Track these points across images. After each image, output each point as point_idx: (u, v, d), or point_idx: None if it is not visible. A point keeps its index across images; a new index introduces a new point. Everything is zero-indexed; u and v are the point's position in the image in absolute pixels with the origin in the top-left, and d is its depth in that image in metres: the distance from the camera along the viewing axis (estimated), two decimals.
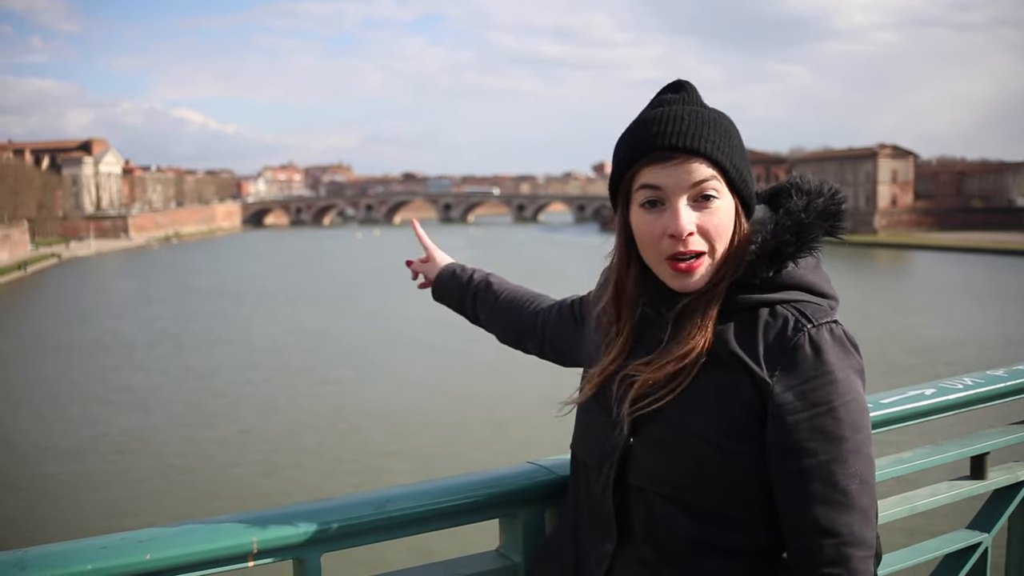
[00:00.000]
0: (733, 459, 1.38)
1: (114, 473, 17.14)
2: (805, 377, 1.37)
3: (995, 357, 25.79)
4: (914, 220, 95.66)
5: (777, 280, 1.44)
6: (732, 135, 1.45)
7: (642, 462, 1.44)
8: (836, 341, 1.39)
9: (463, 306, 2.09)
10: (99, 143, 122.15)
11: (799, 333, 1.38)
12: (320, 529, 1.51)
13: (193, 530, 1.42)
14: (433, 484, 1.67)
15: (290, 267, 67.41)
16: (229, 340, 33.76)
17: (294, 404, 22.66)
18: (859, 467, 1.37)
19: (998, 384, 2.32)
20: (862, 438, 1.38)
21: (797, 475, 1.36)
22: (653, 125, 1.43)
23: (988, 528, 2.29)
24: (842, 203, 1.48)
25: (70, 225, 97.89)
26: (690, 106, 1.46)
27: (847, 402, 1.37)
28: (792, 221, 1.45)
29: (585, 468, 1.55)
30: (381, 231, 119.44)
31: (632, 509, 1.46)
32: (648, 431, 1.44)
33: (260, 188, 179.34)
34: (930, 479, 2.33)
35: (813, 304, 1.43)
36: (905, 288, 52.13)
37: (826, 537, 1.35)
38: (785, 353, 1.38)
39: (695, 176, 1.41)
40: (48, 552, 1.31)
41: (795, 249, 1.44)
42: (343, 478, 15.93)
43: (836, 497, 1.35)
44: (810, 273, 1.46)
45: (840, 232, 1.48)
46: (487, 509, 1.69)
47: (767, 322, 1.41)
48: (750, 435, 1.39)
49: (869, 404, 2.08)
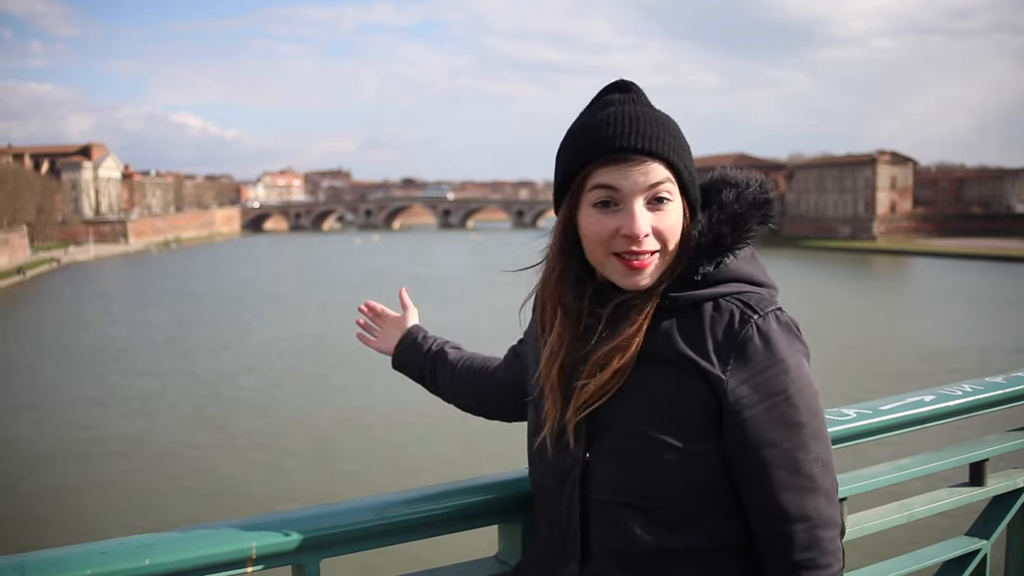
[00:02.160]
0: (694, 459, 1.38)
1: (113, 478, 17.12)
2: (758, 368, 1.38)
3: (995, 364, 25.80)
4: (913, 226, 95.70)
5: (716, 274, 1.44)
6: (681, 137, 1.46)
7: (602, 475, 1.43)
8: (783, 328, 1.41)
9: (422, 376, 2.00)
10: (98, 148, 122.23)
11: (746, 325, 1.39)
12: (319, 535, 1.51)
13: (192, 535, 1.42)
14: (432, 490, 1.66)
15: (290, 272, 67.40)
16: (229, 345, 33.74)
17: (293, 409, 22.64)
18: (819, 450, 1.39)
19: (997, 391, 2.32)
20: (818, 421, 1.41)
21: (761, 466, 1.38)
22: (608, 126, 1.42)
23: (987, 535, 2.29)
24: (770, 191, 1.51)
25: (69, 230, 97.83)
26: (641, 107, 1.45)
27: (801, 388, 1.39)
28: (726, 214, 1.46)
29: (544, 489, 1.53)
30: (380, 237, 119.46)
31: (595, 524, 1.45)
32: (603, 443, 1.43)
33: (259, 193, 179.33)
34: (929, 486, 2.33)
35: (755, 294, 1.44)
36: (905, 295, 52.13)
37: (797, 522, 1.37)
38: (735, 347, 1.38)
39: (652, 178, 1.40)
40: (47, 557, 1.31)
41: (732, 241, 1.45)
42: (342, 484, 15.90)
43: (802, 482, 1.38)
44: (747, 264, 1.47)
45: (771, 220, 1.50)
46: (486, 515, 1.69)
47: (712, 317, 1.41)
48: (707, 433, 1.39)
49: (868, 411, 2.10)
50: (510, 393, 1.81)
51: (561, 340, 1.50)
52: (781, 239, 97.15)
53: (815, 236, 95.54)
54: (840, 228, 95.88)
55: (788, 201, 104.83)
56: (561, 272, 1.51)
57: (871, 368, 26.39)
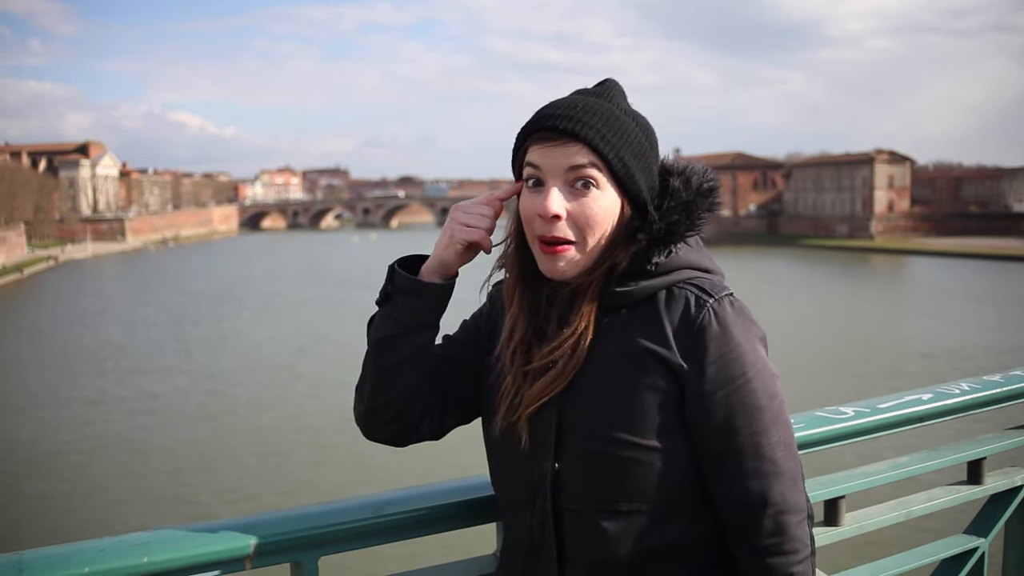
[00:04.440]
0: (663, 456, 1.38)
1: (111, 475, 17.10)
2: (716, 355, 1.37)
3: (996, 360, 25.83)
4: (911, 225, 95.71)
5: (667, 263, 1.43)
6: (631, 134, 1.43)
7: (574, 484, 1.41)
8: (737, 313, 1.40)
9: (429, 319, 1.53)
10: (96, 146, 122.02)
11: (702, 310, 1.39)
12: (318, 532, 1.51)
13: (190, 533, 1.42)
14: (431, 488, 1.66)
15: (287, 270, 67.36)
16: (227, 343, 33.70)
17: (292, 406, 22.61)
18: (780, 434, 1.39)
19: (995, 389, 2.32)
20: (778, 404, 1.40)
21: (724, 453, 1.37)
22: (547, 108, 1.43)
23: (985, 533, 2.29)
24: (714, 179, 1.49)
25: (67, 228, 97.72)
26: (595, 99, 1.44)
27: (759, 371, 1.38)
28: (676, 201, 1.45)
29: (514, 504, 1.50)
30: (378, 235, 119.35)
31: (570, 534, 1.42)
32: (571, 450, 1.41)
33: (257, 191, 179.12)
34: (927, 484, 2.33)
35: (707, 279, 1.43)
36: (902, 293, 52.15)
37: (762, 509, 1.36)
38: (693, 334, 1.38)
39: (572, 160, 1.40)
40: (46, 554, 1.31)
41: (685, 228, 1.45)
42: (341, 481, 15.90)
43: (765, 468, 1.37)
44: (695, 252, 1.47)
45: (717, 208, 1.50)
46: (485, 513, 1.68)
47: (668, 304, 1.41)
48: (674, 428, 1.38)
49: (866, 409, 2.10)
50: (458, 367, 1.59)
51: (516, 329, 1.49)
52: (779, 238, 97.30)
53: (813, 235, 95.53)
54: (838, 227, 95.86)
55: (786, 200, 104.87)
56: (515, 248, 1.52)
57: (868, 366, 26.40)
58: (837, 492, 2.06)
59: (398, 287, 1.51)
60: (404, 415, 1.55)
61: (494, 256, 1.56)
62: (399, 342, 1.51)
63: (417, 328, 1.51)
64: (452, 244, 1.50)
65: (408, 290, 1.50)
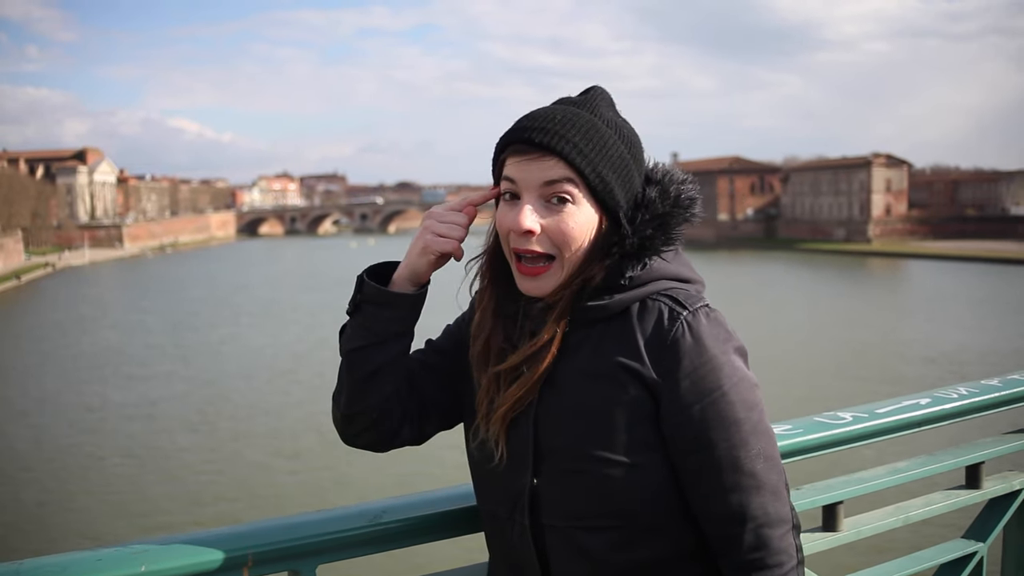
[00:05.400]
0: (641, 473, 1.36)
1: (109, 483, 17.07)
2: (690, 368, 1.34)
3: (994, 364, 25.84)
4: (908, 229, 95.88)
5: (642, 276, 1.39)
6: (610, 147, 1.39)
7: (552, 499, 1.40)
8: (712, 324, 1.37)
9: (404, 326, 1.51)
10: (93, 152, 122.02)
11: (675, 322, 1.36)
12: (315, 541, 1.51)
13: (188, 542, 1.42)
14: (428, 496, 1.66)
15: (285, 276, 67.33)
16: (225, 349, 33.69)
17: (290, 413, 22.59)
18: (760, 445, 1.35)
19: (993, 394, 2.33)
20: (757, 416, 1.36)
21: (702, 468, 1.35)
22: (526, 120, 1.41)
23: (983, 537, 2.29)
24: (693, 189, 1.45)
25: (64, 234, 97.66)
26: (578, 109, 1.41)
27: (736, 383, 1.35)
28: (651, 214, 1.41)
29: (494, 519, 1.49)
30: (376, 240, 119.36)
31: (553, 551, 1.41)
32: (550, 467, 1.39)
33: (255, 197, 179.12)
34: (925, 489, 2.33)
35: (682, 290, 1.40)
36: (900, 297, 52.18)
37: (743, 523, 1.34)
38: (666, 348, 1.35)
39: (547, 175, 1.37)
40: (43, 564, 1.31)
41: (660, 243, 1.41)
42: (338, 489, 15.88)
43: (745, 481, 1.34)
44: (672, 262, 1.43)
45: (696, 219, 1.46)
46: (481, 521, 1.68)
47: (641, 317, 1.38)
48: (651, 444, 1.36)
49: (864, 414, 2.10)
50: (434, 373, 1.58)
51: (491, 338, 1.48)
52: (776, 242, 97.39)
53: (810, 239, 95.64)
54: (835, 231, 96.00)
55: (783, 204, 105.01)
56: (492, 260, 1.50)
57: (866, 371, 26.41)
58: (836, 497, 2.06)
59: (367, 297, 1.48)
60: (381, 422, 1.52)
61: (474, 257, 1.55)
62: (372, 352, 1.48)
63: (390, 338, 1.48)
64: (424, 255, 1.48)
65: (378, 300, 1.47)
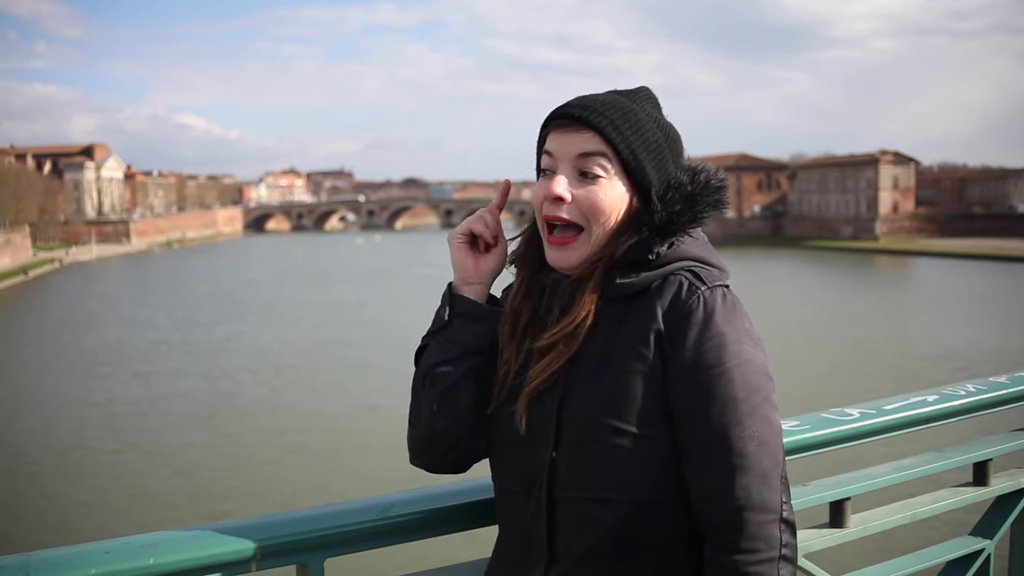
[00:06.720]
0: (647, 444, 1.37)
1: (116, 477, 17.13)
2: (696, 341, 1.36)
3: (1004, 361, 25.76)
4: (915, 227, 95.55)
5: (669, 255, 1.43)
6: (646, 130, 1.44)
7: (568, 471, 1.41)
8: (726, 305, 1.39)
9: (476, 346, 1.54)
10: (101, 148, 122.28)
11: (692, 296, 1.38)
12: (323, 534, 1.51)
13: (196, 535, 1.43)
14: (436, 490, 1.66)
15: (292, 272, 67.41)
16: (232, 345, 33.75)
17: (298, 408, 22.63)
18: (756, 428, 1.35)
19: (1001, 391, 2.32)
20: (759, 399, 1.36)
21: (694, 441, 1.36)
22: (571, 100, 1.47)
23: (991, 535, 2.29)
24: (724, 180, 1.49)
25: (72, 230, 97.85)
26: (621, 97, 1.48)
27: (740, 363, 1.36)
28: (679, 194, 1.45)
29: (510, 495, 1.50)
30: (383, 237, 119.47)
31: (561, 525, 1.42)
32: (567, 439, 1.41)
33: (262, 193, 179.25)
34: (932, 486, 2.33)
35: (704, 269, 1.43)
36: (907, 294, 52.06)
37: (720, 501, 1.34)
38: (679, 319, 1.37)
39: (583, 147, 1.43)
40: (52, 556, 1.31)
41: (687, 220, 1.45)
42: (347, 483, 15.91)
43: (731, 460, 1.34)
44: (700, 247, 1.46)
45: (724, 206, 1.49)
46: (490, 515, 1.67)
47: (662, 292, 1.40)
48: (660, 415, 1.38)
49: (872, 411, 2.10)
50: None
51: (521, 312, 1.51)
52: (783, 239, 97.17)
53: (817, 236, 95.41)
54: (842, 228, 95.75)
55: (790, 201, 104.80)
56: (530, 238, 1.55)
57: (873, 367, 26.35)
58: (843, 493, 2.06)
59: (462, 311, 1.53)
60: (464, 439, 1.53)
61: None
62: (456, 365, 1.52)
63: (476, 352, 1.53)
64: (456, 242, 1.59)
65: (473, 313, 1.53)
